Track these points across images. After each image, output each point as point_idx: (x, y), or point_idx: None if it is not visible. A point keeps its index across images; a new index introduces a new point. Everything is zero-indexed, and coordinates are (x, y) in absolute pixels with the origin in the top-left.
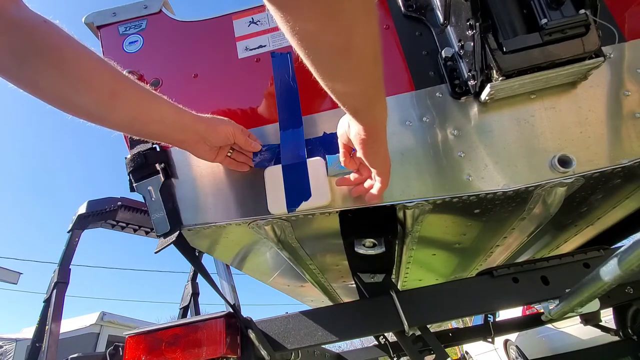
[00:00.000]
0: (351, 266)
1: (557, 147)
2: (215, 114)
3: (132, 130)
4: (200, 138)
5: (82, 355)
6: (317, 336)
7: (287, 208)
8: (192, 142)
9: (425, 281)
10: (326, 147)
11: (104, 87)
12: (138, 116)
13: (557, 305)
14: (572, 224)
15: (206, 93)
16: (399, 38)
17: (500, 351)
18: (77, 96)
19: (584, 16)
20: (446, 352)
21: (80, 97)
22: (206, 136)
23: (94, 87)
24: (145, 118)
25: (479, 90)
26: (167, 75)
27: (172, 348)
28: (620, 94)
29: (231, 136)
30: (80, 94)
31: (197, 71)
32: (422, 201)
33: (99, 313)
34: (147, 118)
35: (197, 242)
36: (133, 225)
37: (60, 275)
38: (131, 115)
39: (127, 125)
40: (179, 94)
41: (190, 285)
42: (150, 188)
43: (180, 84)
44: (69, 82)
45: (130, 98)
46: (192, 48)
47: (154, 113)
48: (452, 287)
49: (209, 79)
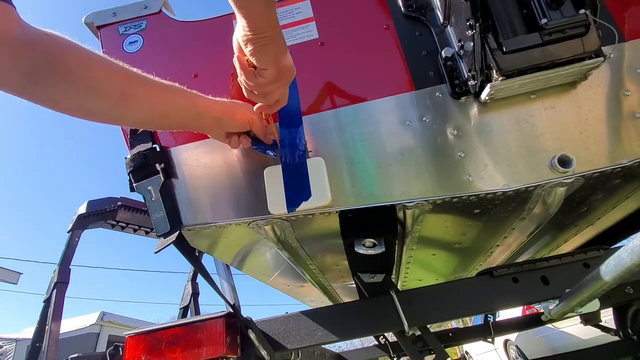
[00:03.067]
0: (351, 266)
1: (557, 147)
2: None
3: (152, 125)
4: (215, 123)
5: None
6: (317, 336)
7: (287, 208)
8: (208, 127)
9: (425, 281)
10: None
11: (113, 89)
12: (152, 111)
13: (557, 305)
14: (572, 224)
15: (206, 93)
16: (399, 38)
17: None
18: (90, 103)
19: (583, 16)
20: (446, 352)
21: (93, 104)
22: (222, 122)
23: (104, 92)
24: (159, 112)
25: (479, 90)
26: (167, 75)
27: (172, 348)
28: (620, 94)
29: (248, 124)
30: (92, 101)
31: (197, 71)
32: (422, 201)
33: (99, 313)
34: (162, 111)
35: (197, 242)
36: (133, 225)
37: (60, 275)
38: (146, 111)
39: (146, 121)
40: None
41: (190, 285)
42: (150, 188)
43: (180, 84)
44: (79, 91)
45: (141, 96)
46: (192, 48)
47: (167, 106)
48: (452, 287)
49: (209, 79)
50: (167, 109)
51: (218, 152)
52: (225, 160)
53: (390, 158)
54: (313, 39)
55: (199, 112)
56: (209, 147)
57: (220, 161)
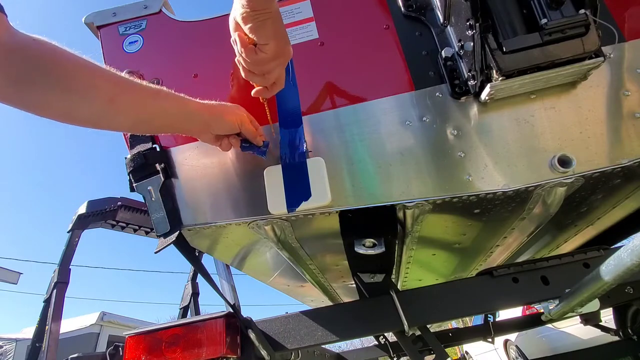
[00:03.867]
0: (351, 266)
1: (557, 147)
2: None
3: (139, 129)
4: (204, 126)
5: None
6: (317, 336)
7: (287, 208)
8: (197, 131)
9: (425, 281)
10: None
11: (101, 94)
12: (140, 114)
13: (557, 305)
14: (572, 224)
15: (206, 93)
16: (399, 38)
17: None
18: (78, 108)
19: (583, 16)
20: (446, 352)
21: (81, 108)
22: (211, 124)
23: (92, 96)
24: (147, 115)
25: (478, 90)
26: (167, 75)
27: (172, 348)
28: (620, 94)
29: (237, 125)
30: (80, 105)
31: (197, 71)
32: (422, 201)
33: (99, 313)
34: (150, 115)
35: (197, 242)
36: (133, 225)
37: (60, 275)
38: (134, 115)
39: (132, 125)
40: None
41: (190, 285)
42: (150, 188)
43: (180, 84)
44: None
45: (129, 100)
46: (192, 48)
47: (156, 109)
48: (452, 287)
49: (209, 79)
50: (155, 112)
51: (218, 152)
52: (225, 160)
53: (390, 158)
54: (313, 39)
55: (188, 115)
56: (209, 147)
57: (220, 161)
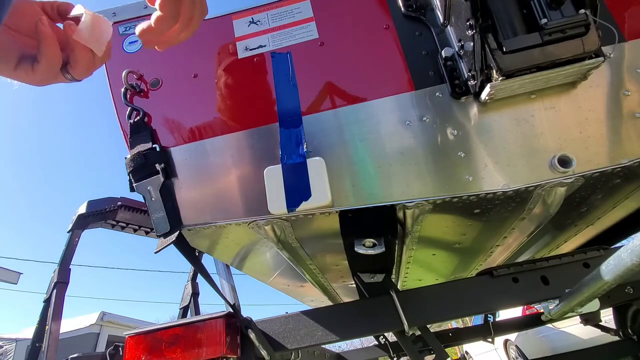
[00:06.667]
0: (351, 266)
1: (557, 147)
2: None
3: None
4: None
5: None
6: (317, 336)
7: (287, 208)
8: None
9: (425, 281)
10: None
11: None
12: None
13: (557, 305)
14: (572, 224)
15: (206, 93)
16: (399, 38)
17: (500, 351)
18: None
19: (583, 16)
20: (446, 352)
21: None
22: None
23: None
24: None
25: (479, 90)
26: (167, 75)
27: (172, 348)
28: (620, 94)
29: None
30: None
31: (197, 71)
32: (422, 201)
33: (99, 313)
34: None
35: (197, 242)
36: (133, 225)
37: (60, 275)
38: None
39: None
40: (179, 94)
41: (190, 285)
42: (150, 188)
43: (180, 84)
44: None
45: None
46: (192, 48)
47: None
48: (452, 287)
49: (209, 79)
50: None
51: (218, 152)
52: (225, 160)
53: (390, 158)
54: (313, 39)
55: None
56: (209, 148)
57: (220, 161)
